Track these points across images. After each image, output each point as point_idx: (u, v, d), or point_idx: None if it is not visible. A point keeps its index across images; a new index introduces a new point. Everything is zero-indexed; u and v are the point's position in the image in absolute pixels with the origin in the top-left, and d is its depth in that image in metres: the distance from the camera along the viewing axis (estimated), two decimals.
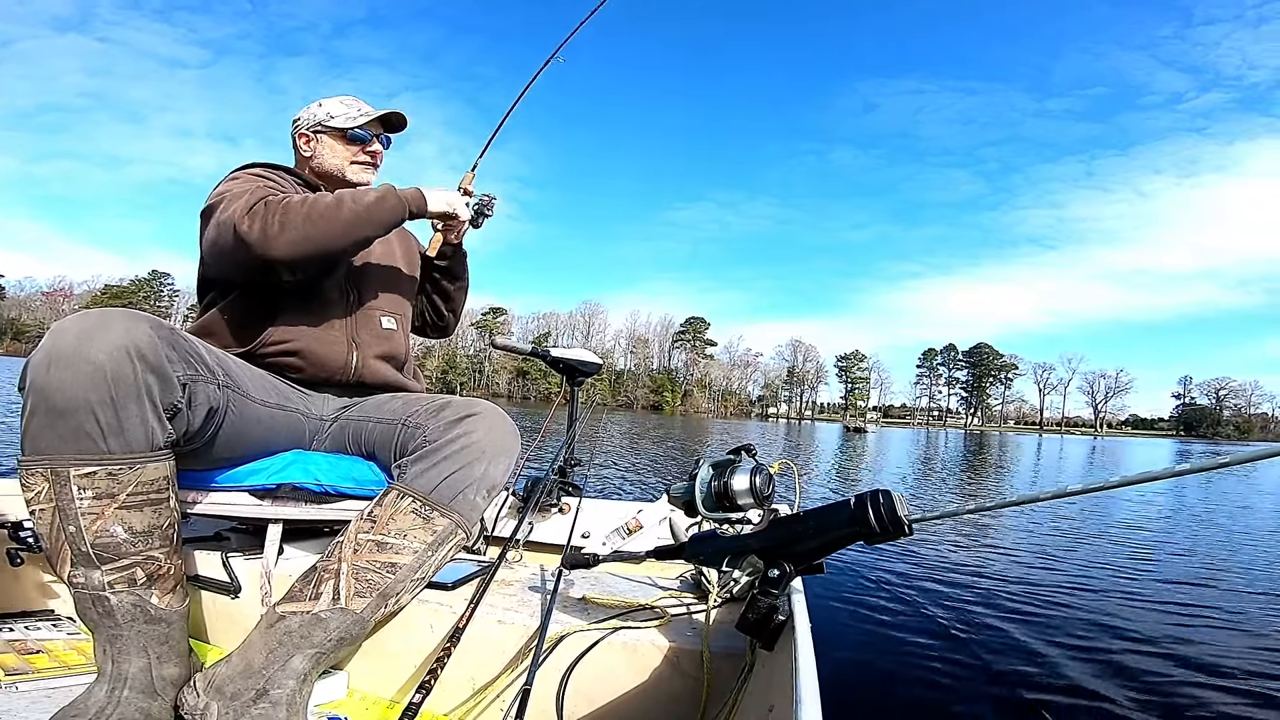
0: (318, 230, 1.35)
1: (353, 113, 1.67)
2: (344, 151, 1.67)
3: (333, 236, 1.37)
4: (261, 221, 1.31)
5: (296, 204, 1.35)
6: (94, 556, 1.01)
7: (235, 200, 1.35)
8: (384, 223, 1.46)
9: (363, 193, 1.45)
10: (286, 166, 1.64)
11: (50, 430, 0.98)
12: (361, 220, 1.41)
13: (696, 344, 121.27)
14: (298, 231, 1.33)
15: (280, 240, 1.31)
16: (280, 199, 1.35)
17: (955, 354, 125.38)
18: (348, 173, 1.67)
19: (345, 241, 1.41)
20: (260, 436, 1.35)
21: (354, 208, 1.40)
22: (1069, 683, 2.44)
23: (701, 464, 1.14)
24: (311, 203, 1.36)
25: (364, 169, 1.70)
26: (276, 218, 1.32)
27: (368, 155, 1.69)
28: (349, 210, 1.39)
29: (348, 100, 1.69)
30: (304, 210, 1.34)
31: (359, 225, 1.41)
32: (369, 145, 1.69)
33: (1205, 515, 7.87)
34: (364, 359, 1.56)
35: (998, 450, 27.91)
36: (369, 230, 1.44)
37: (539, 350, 2.05)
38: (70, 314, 1.05)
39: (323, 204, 1.37)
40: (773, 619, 0.90)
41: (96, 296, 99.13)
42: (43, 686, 1.16)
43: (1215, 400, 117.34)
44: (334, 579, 1.14)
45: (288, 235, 1.32)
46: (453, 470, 1.25)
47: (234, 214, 1.32)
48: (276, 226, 1.31)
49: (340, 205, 1.39)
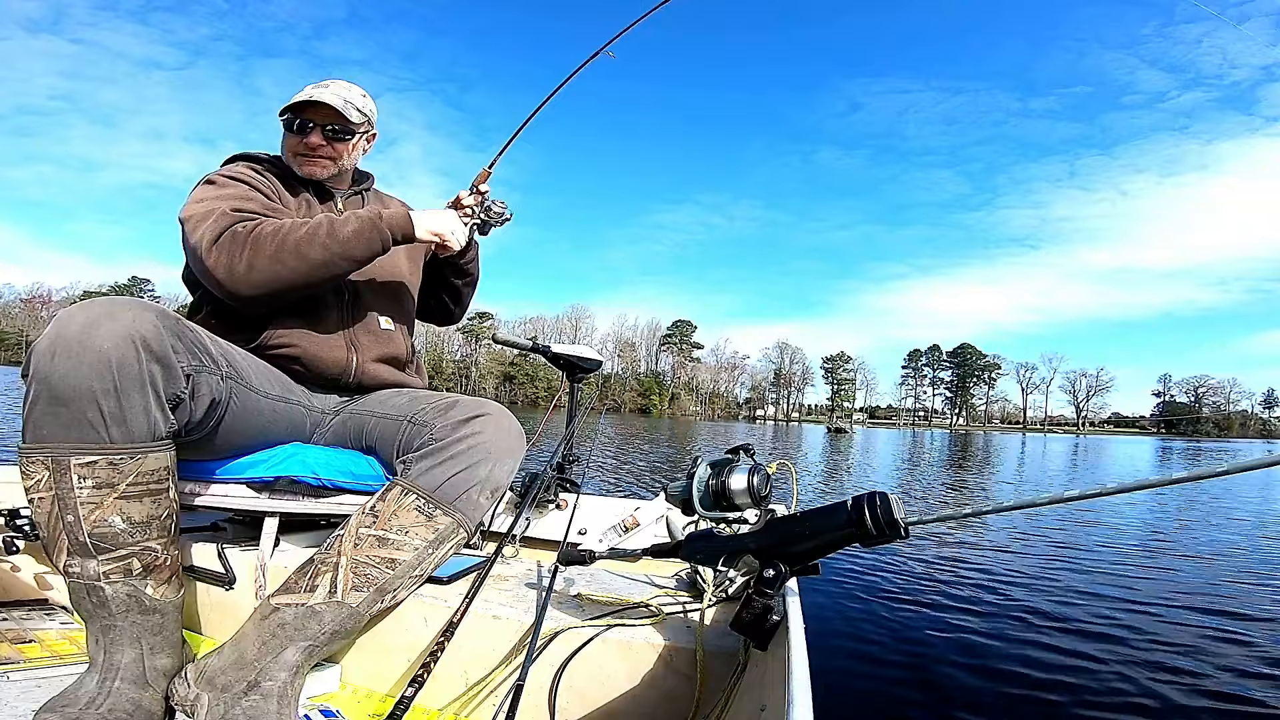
0: (287, 269, 1.30)
1: (289, 101, 1.52)
2: (290, 141, 1.55)
3: (303, 274, 1.32)
4: (228, 256, 1.28)
5: (267, 236, 1.30)
6: (91, 546, 1.01)
7: (203, 222, 1.31)
8: (360, 258, 1.39)
9: (342, 223, 1.37)
10: (274, 157, 1.59)
11: (52, 418, 0.98)
12: (335, 257, 1.35)
13: (683, 347, 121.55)
14: (264, 272, 1.29)
15: (248, 279, 1.29)
16: (249, 230, 1.30)
17: (940, 354, 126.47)
18: (295, 165, 1.56)
19: (318, 277, 1.35)
20: (261, 428, 1.34)
21: (328, 243, 1.33)
22: (1064, 683, 2.46)
23: (699, 463, 1.15)
24: (282, 237, 1.31)
25: (306, 161, 1.55)
26: (244, 254, 1.28)
27: (304, 147, 1.54)
28: (321, 246, 1.33)
29: (309, 86, 1.54)
30: (273, 246, 1.29)
31: (333, 262, 1.35)
32: (306, 136, 1.53)
33: (1201, 516, 7.98)
34: (363, 362, 1.54)
35: (983, 450, 28.13)
36: (344, 266, 1.38)
37: (540, 346, 2.04)
38: (48, 321, 1.03)
39: (294, 239, 1.31)
40: (767, 619, 0.90)
41: (75, 302, 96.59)
42: (34, 676, 1.16)
43: (1194, 398, 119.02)
44: (332, 572, 1.14)
45: (255, 275, 1.29)
46: (459, 469, 1.24)
47: (201, 242, 1.28)
48: (244, 265, 1.28)
49: (313, 239, 1.32)
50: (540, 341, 2.04)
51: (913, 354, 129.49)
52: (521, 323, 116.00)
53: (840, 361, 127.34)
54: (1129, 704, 2.32)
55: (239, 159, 1.56)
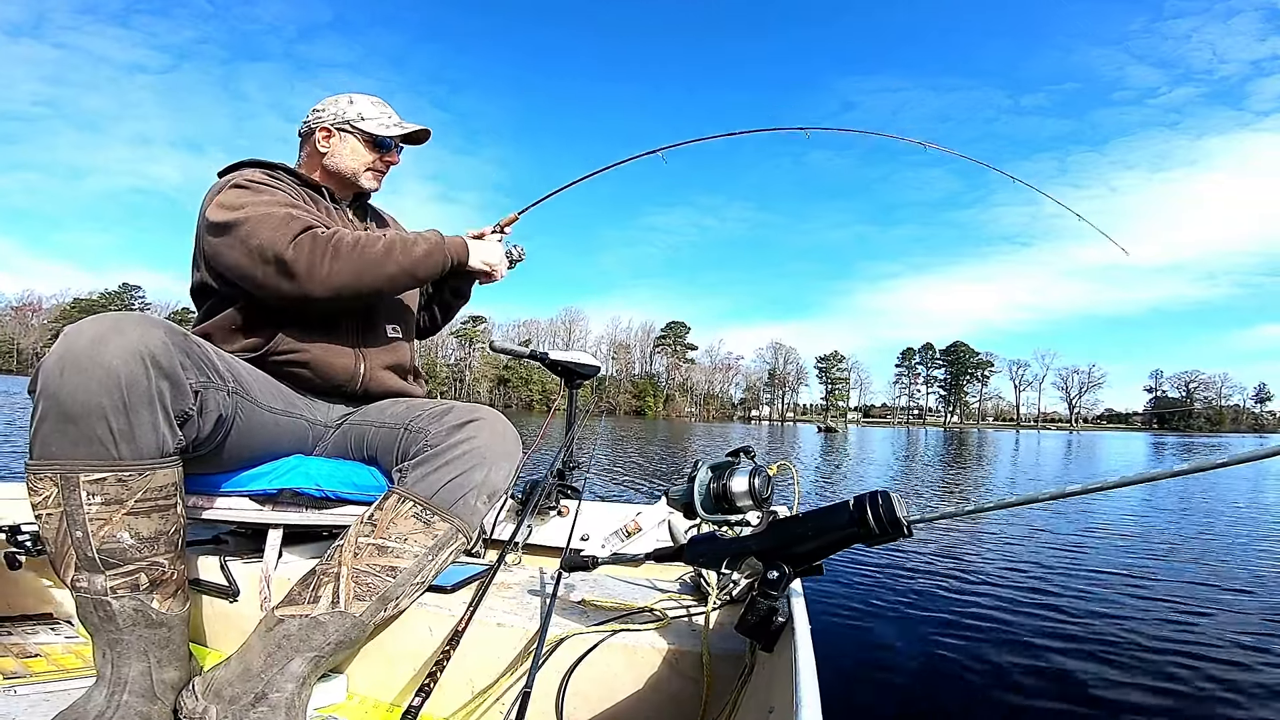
0: (364, 278, 1.36)
1: (385, 119, 1.63)
2: (365, 156, 1.62)
3: (377, 284, 1.39)
4: (310, 255, 1.30)
5: (348, 244, 1.35)
6: (99, 561, 1.01)
7: (265, 222, 1.32)
8: (424, 279, 1.48)
9: (412, 243, 1.44)
10: (285, 166, 1.59)
11: (61, 435, 0.98)
12: (407, 274, 1.43)
13: (677, 348, 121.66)
14: (345, 276, 1.33)
15: (327, 281, 1.32)
16: (330, 235, 1.34)
17: (933, 353, 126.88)
18: (362, 179, 1.63)
19: (388, 289, 1.43)
20: (265, 442, 1.35)
21: (402, 261, 1.41)
22: (1069, 682, 2.47)
23: (700, 466, 1.15)
24: (363, 248, 1.36)
25: (376, 176, 1.66)
26: (326, 257, 1.32)
27: (385, 164, 1.66)
28: (396, 263, 1.40)
29: (378, 103, 1.65)
30: (355, 253, 1.35)
31: (403, 278, 1.43)
32: (389, 155, 1.65)
33: (1202, 509, 8.02)
34: (371, 370, 1.54)
35: (977, 447, 28.20)
36: (412, 284, 1.46)
37: (538, 353, 2.04)
38: (40, 329, 1.04)
39: (373, 252, 1.37)
40: (772, 621, 0.90)
41: (66, 310, 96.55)
42: (41, 690, 1.16)
43: (1186, 393, 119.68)
44: (333, 582, 1.14)
45: (336, 278, 1.32)
46: (454, 475, 1.25)
47: (275, 241, 1.30)
48: (326, 267, 1.31)
49: (390, 255, 1.39)
50: (535, 345, 2.05)
51: (906, 352, 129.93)
52: (515, 326, 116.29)
53: (834, 361, 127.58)
54: (1130, 701, 2.34)
55: (253, 165, 1.54)
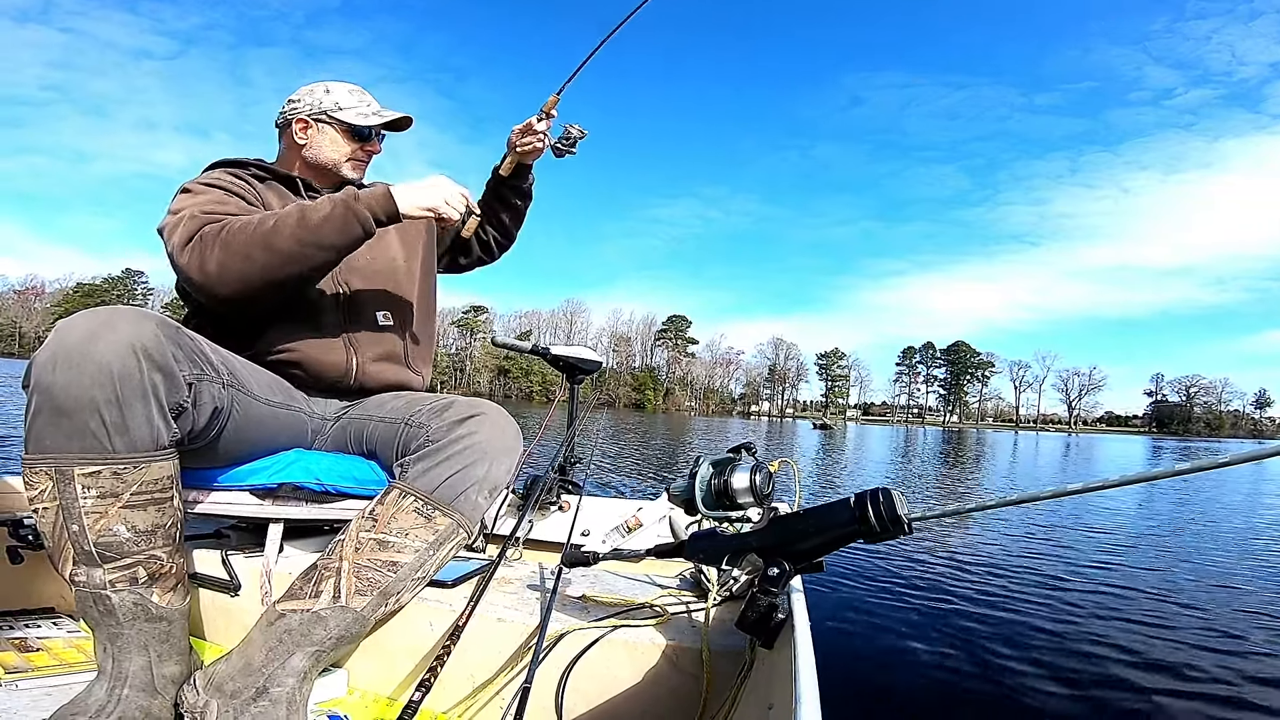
0: (257, 264, 1.27)
1: (363, 108, 1.60)
2: (345, 146, 1.60)
3: (275, 267, 1.28)
4: (199, 258, 1.27)
5: (235, 232, 1.27)
6: (96, 555, 1.01)
7: (175, 229, 1.31)
8: (338, 245, 1.33)
9: (314, 209, 1.31)
10: (256, 161, 1.57)
11: (55, 429, 0.98)
12: (308, 246, 1.29)
13: (678, 342, 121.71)
14: (235, 269, 1.27)
15: (220, 278, 1.27)
16: (218, 229, 1.28)
17: (933, 352, 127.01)
18: (343, 169, 1.61)
19: (293, 271, 1.30)
20: (263, 435, 1.34)
21: (297, 232, 1.28)
22: (1068, 680, 2.47)
23: (701, 462, 1.15)
24: (250, 231, 1.27)
25: (358, 166, 1.64)
26: (214, 252, 1.26)
27: (366, 154, 1.64)
28: (290, 236, 1.27)
29: (356, 90, 1.62)
30: (241, 241, 1.27)
31: (305, 253, 1.29)
32: (370, 144, 1.64)
33: (1202, 509, 8.04)
34: (363, 363, 1.53)
35: (976, 447, 28.22)
36: (320, 256, 1.32)
37: (539, 348, 2.03)
38: (43, 312, 1.03)
39: (260, 231, 1.27)
40: (772, 617, 0.90)
41: (69, 295, 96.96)
42: (43, 684, 1.16)
43: (1186, 397, 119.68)
44: (335, 577, 1.14)
45: (227, 274, 1.27)
46: (455, 470, 1.24)
47: (174, 248, 1.29)
48: (214, 265, 1.26)
49: (280, 229, 1.28)
50: (536, 337, 2.05)
51: (907, 351, 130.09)
52: (516, 317, 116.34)
53: (834, 358, 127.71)
54: (1130, 700, 2.34)
55: (218, 165, 1.55)
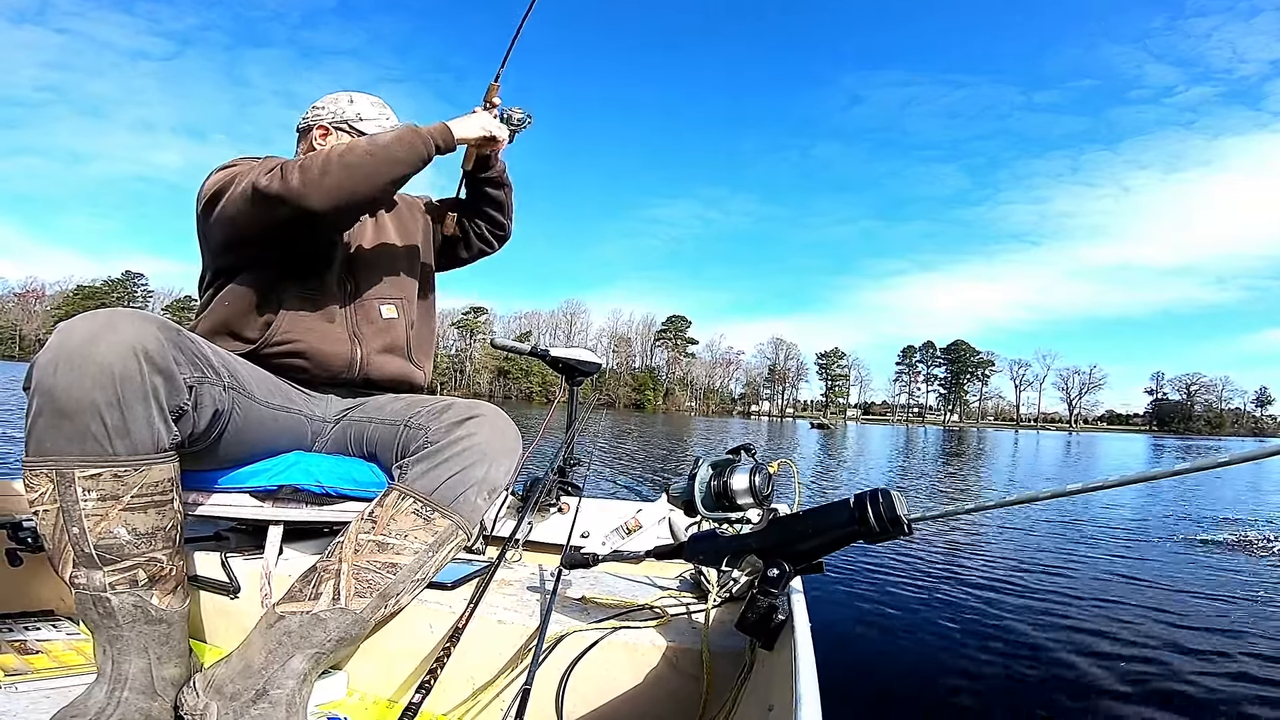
0: (350, 175, 1.32)
1: (383, 120, 1.64)
2: None
3: (363, 180, 1.34)
4: (291, 174, 1.29)
5: (311, 158, 1.32)
6: (97, 558, 1.01)
7: (249, 172, 1.33)
8: (405, 160, 1.39)
9: (382, 134, 1.40)
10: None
11: (55, 431, 0.98)
12: (382, 161, 1.36)
13: (678, 342, 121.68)
14: (333, 178, 1.30)
15: (316, 189, 1.29)
16: (293, 163, 1.33)
17: (934, 351, 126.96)
18: None
19: (379, 184, 1.37)
20: (264, 438, 1.35)
21: (371, 148, 1.36)
22: (1068, 680, 2.48)
23: (701, 463, 1.15)
24: (324, 155, 1.33)
25: None
26: (295, 175, 1.29)
27: None
28: (364, 153, 1.35)
29: (378, 103, 1.66)
30: (319, 164, 1.31)
31: (381, 169, 1.36)
32: None
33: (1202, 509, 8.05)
34: (368, 355, 1.54)
35: (976, 446, 28.23)
36: (399, 170, 1.39)
37: (538, 350, 2.04)
38: (44, 315, 1.03)
39: (337, 153, 1.34)
40: (772, 618, 0.90)
41: (69, 297, 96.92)
42: (42, 687, 1.16)
43: (1187, 395, 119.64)
44: (334, 579, 1.14)
45: (326, 182, 1.30)
46: (454, 471, 1.25)
47: (261, 175, 1.30)
48: (297, 183, 1.29)
49: (352, 149, 1.35)
50: (535, 337, 2.05)
51: (907, 350, 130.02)
52: (516, 318, 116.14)
53: (834, 358, 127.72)
54: (1130, 698, 2.34)
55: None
